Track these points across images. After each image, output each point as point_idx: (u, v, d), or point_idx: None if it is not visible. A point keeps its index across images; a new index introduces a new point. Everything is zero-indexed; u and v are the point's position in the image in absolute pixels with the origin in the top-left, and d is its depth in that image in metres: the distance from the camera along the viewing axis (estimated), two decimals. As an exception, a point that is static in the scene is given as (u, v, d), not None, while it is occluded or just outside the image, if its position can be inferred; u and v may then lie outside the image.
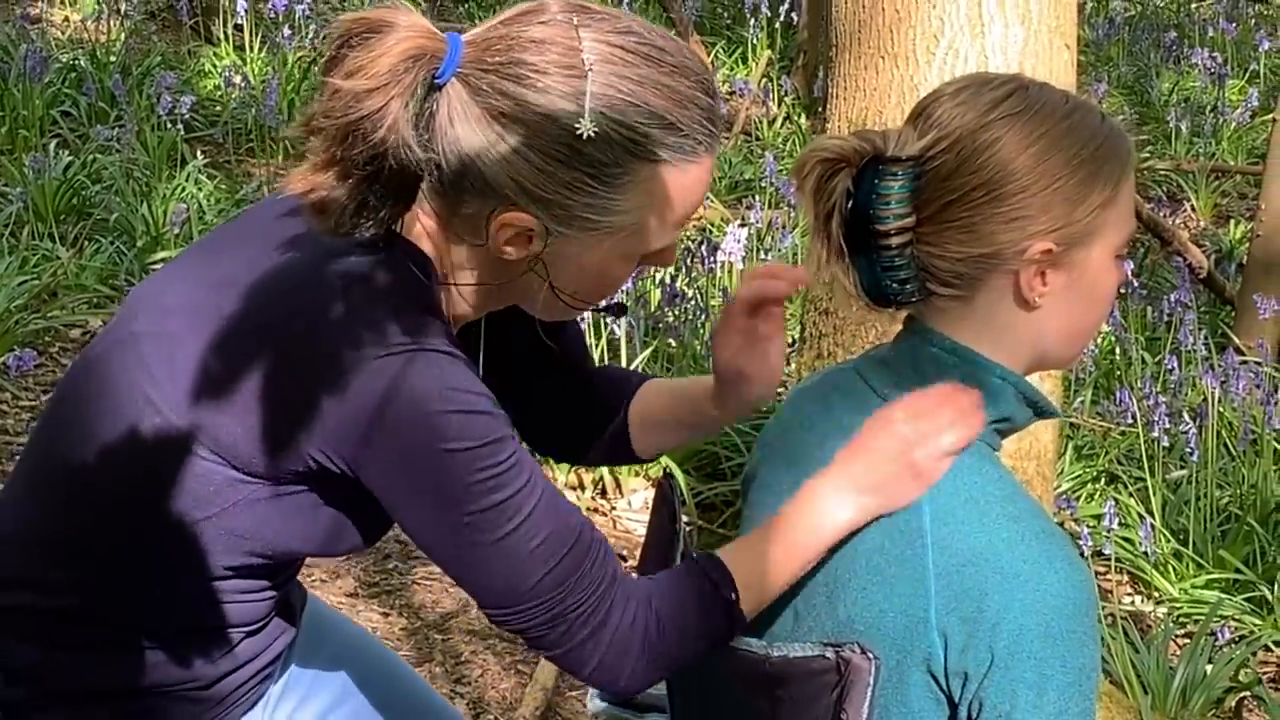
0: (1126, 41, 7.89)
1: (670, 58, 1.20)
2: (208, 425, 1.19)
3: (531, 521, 1.18)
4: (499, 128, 1.16)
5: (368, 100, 1.13)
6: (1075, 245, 1.22)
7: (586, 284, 1.26)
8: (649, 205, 1.21)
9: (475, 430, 1.16)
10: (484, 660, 2.86)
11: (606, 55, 1.17)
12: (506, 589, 1.19)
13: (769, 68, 6.46)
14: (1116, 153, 1.24)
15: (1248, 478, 3.57)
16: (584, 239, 1.21)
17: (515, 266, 1.23)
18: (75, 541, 1.26)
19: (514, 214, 1.19)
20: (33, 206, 4.33)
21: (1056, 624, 1.17)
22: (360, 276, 1.19)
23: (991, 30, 2.30)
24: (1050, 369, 1.40)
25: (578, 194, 1.18)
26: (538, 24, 1.18)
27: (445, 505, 1.17)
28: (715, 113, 1.22)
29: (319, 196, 1.16)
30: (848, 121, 2.46)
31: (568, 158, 1.17)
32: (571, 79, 1.16)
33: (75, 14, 6.22)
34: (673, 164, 1.20)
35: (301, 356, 1.17)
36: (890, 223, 1.23)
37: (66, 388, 1.32)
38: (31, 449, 1.33)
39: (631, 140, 1.18)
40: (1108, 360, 4.25)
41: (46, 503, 1.27)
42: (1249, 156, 6.40)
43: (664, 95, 1.19)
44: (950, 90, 1.26)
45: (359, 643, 1.59)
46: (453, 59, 1.16)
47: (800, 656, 1.23)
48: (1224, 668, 2.92)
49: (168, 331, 1.23)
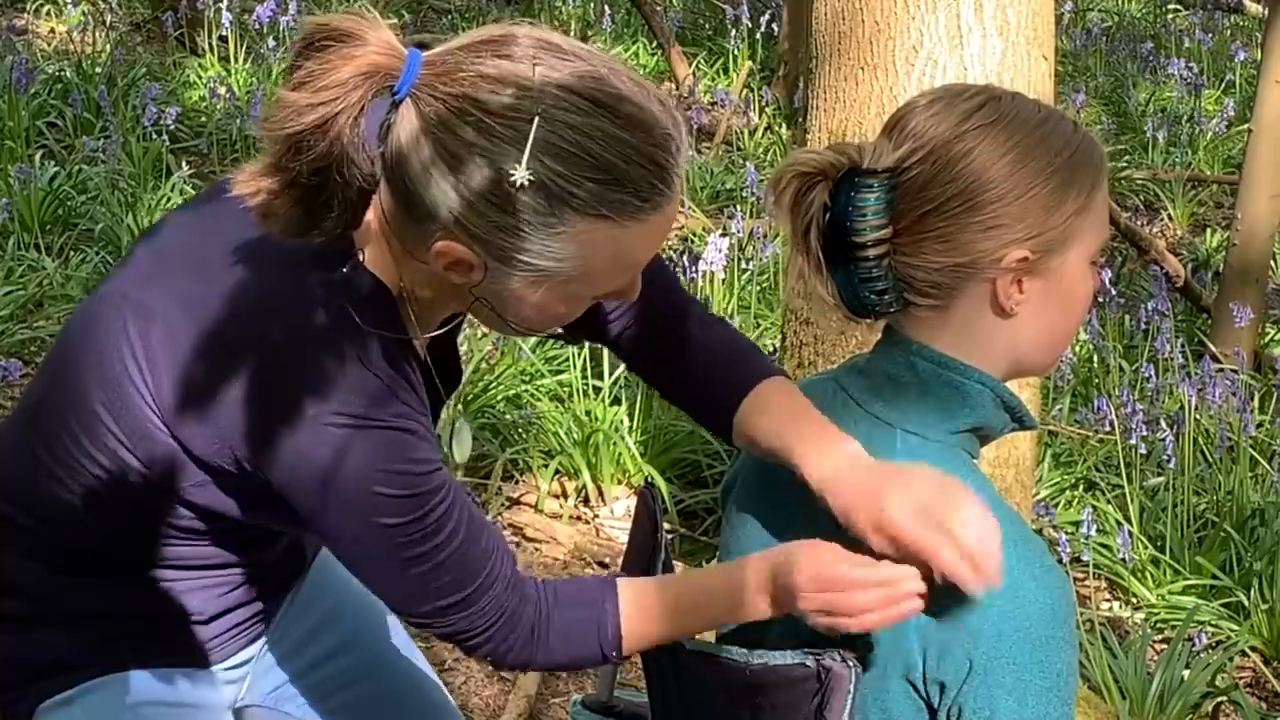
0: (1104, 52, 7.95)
1: (630, 109, 1.13)
2: (170, 412, 1.23)
3: (441, 568, 1.23)
4: (440, 160, 1.12)
5: (310, 114, 1.10)
6: (1051, 252, 1.23)
7: (531, 317, 1.23)
8: (586, 257, 1.16)
9: (407, 508, 1.21)
10: (467, 667, 2.86)
11: (558, 101, 1.12)
12: (404, 606, 1.28)
13: (750, 78, 6.48)
14: (1089, 160, 1.25)
15: (1224, 484, 3.60)
16: (521, 277, 1.18)
17: (462, 290, 1.21)
18: (71, 478, 1.28)
19: (451, 244, 1.16)
20: (18, 217, 4.31)
21: (1035, 630, 1.18)
22: (320, 316, 1.20)
23: (970, 42, 2.32)
24: (1028, 376, 1.39)
25: (512, 237, 1.14)
26: (497, 58, 1.13)
27: (367, 555, 1.24)
28: (669, 171, 1.16)
29: (263, 200, 1.14)
30: (828, 132, 2.47)
31: (501, 202, 1.13)
32: (516, 122, 1.11)
33: (61, 25, 6.21)
34: (613, 220, 1.15)
35: (253, 392, 1.19)
36: (867, 234, 1.23)
37: (70, 327, 1.34)
38: (35, 383, 1.36)
39: (569, 193, 1.13)
40: (1085, 368, 4.27)
41: (43, 436, 1.30)
42: (1225, 166, 6.44)
43: (613, 150, 1.13)
44: (924, 102, 1.26)
45: (366, 599, 1.61)
46: (408, 77, 1.12)
47: (781, 664, 1.23)
48: (1201, 673, 2.93)
49: (148, 305, 1.25)
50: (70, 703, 1.35)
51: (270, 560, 1.43)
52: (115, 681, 1.36)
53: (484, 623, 1.26)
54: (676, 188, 1.18)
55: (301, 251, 1.19)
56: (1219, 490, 3.60)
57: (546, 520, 3.39)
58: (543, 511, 3.42)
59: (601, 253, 1.17)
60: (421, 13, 7.07)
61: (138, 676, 1.37)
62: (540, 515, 3.40)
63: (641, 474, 3.48)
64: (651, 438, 3.57)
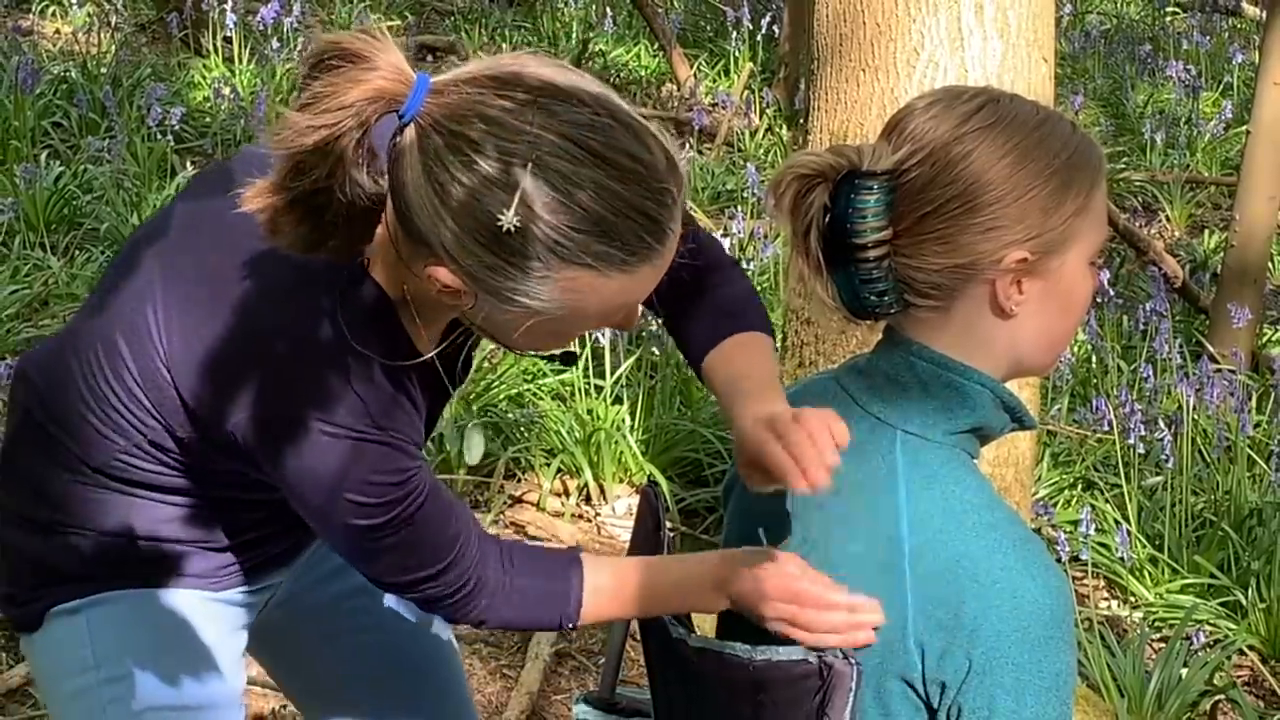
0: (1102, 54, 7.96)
1: (626, 160, 1.14)
2: (178, 372, 1.29)
3: (411, 550, 1.30)
4: (434, 193, 1.14)
5: (313, 135, 1.12)
6: (1050, 253, 1.23)
7: (520, 342, 1.25)
8: (571, 302, 1.18)
9: (380, 512, 1.27)
10: (470, 665, 2.87)
11: (555, 149, 1.12)
12: (375, 576, 1.35)
13: (751, 80, 6.49)
14: (1088, 161, 1.25)
15: (1222, 484, 3.61)
16: (508, 310, 1.19)
17: (456, 309, 1.24)
18: (94, 401, 1.34)
19: (442, 270, 1.17)
20: (24, 216, 4.33)
21: (1034, 630, 1.18)
22: (316, 333, 1.24)
23: (971, 44, 2.33)
24: (1028, 376, 1.40)
25: (498, 276, 1.16)
26: (500, 97, 1.13)
27: (342, 539, 1.32)
28: (661, 223, 1.16)
29: (270, 218, 1.17)
30: (829, 133, 2.47)
31: (489, 242, 1.14)
32: (510, 167, 1.12)
33: (66, 26, 6.22)
34: (599, 270, 1.15)
35: (249, 387, 1.25)
36: (867, 236, 1.23)
37: (119, 261, 1.39)
38: (91, 295, 1.42)
39: (555, 241, 1.13)
40: (1084, 368, 4.28)
41: (80, 358, 1.35)
42: (1223, 168, 6.45)
43: (604, 202, 1.13)
44: (923, 104, 1.26)
45: None
46: (414, 102, 1.14)
47: (783, 661, 1.24)
48: (1199, 671, 2.94)
49: (176, 263, 1.31)
50: (77, 612, 1.40)
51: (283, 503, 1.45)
52: (123, 598, 1.40)
53: (450, 590, 1.33)
54: (669, 240, 1.18)
55: (313, 268, 1.23)
56: (1217, 490, 3.61)
57: (548, 518, 3.41)
58: (545, 510, 3.43)
59: (588, 299, 1.18)
60: (424, 14, 7.08)
61: (146, 594, 1.41)
62: (542, 513, 3.42)
63: (643, 473, 3.49)
64: (653, 437, 3.59)
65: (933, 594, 1.20)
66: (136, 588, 1.40)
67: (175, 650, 1.42)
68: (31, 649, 1.46)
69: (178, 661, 1.42)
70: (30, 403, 1.40)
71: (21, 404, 1.41)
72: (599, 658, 2.94)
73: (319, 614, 1.59)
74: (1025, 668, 1.18)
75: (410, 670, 1.62)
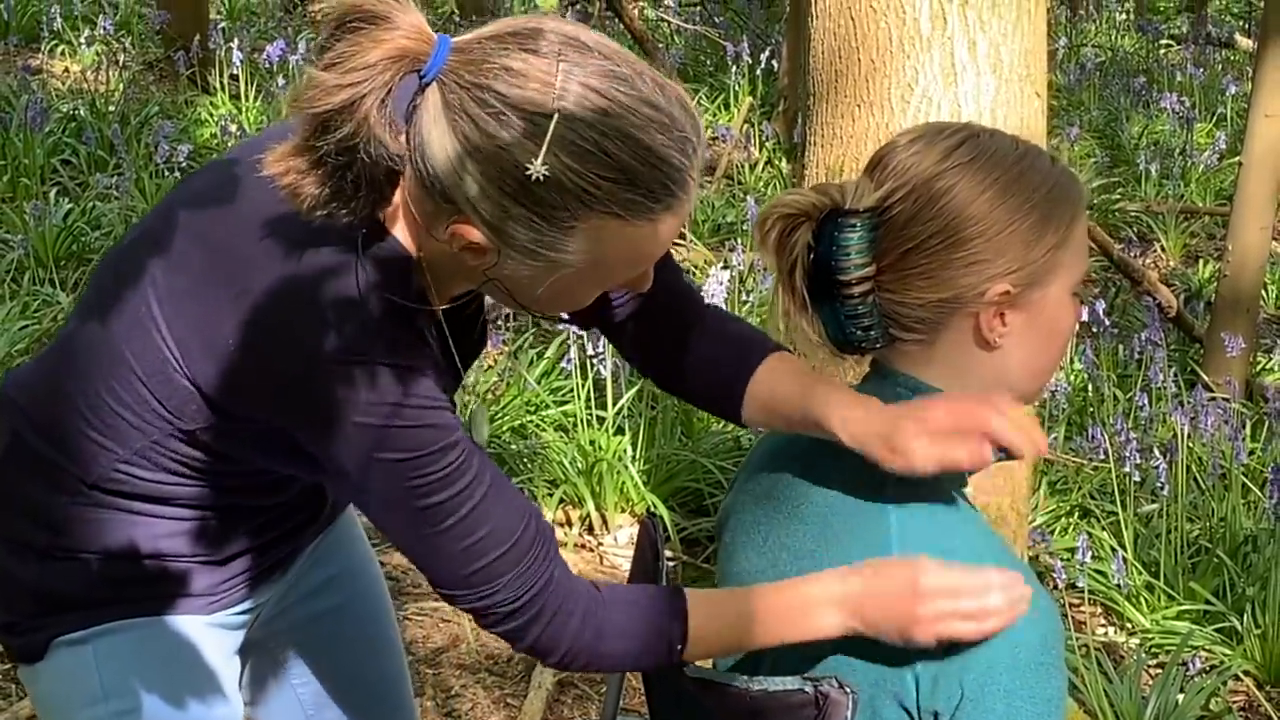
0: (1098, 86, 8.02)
1: (649, 110, 1.15)
2: (188, 356, 1.25)
3: (466, 523, 1.23)
4: (459, 147, 1.14)
5: (339, 94, 1.12)
6: (1032, 286, 1.24)
7: (541, 301, 1.25)
8: (599, 252, 1.18)
9: (410, 443, 1.20)
10: (474, 694, 2.89)
11: (580, 99, 1.13)
12: (446, 575, 1.26)
13: (751, 113, 6.55)
14: (1067, 195, 1.26)
15: (1217, 511, 3.61)
16: (532, 265, 1.19)
17: (476, 270, 1.23)
18: (89, 413, 1.31)
19: (466, 227, 1.18)
20: (34, 253, 4.37)
21: (1024, 657, 1.19)
22: (329, 277, 1.21)
23: (964, 79, 2.33)
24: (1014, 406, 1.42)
25: (524, 227, 1.16)
26: (523, 51, 1.14)
27: (383, 500, 1.24)
28: (684, 172, 1.17)
29: (292, 180, 1.16)
30: (825, 168, 2.46)
31: (516, 193, 1.14)
32: (536, 117, 1.12)
33: (75, 65, 6.29)
34: (625, 219, 1.16)
35: (261, 340, 1.21)
36: (852, 273, 1.24)
37: (104, 267, 1.36)
38: (72, 315, 1.39)
39: (584, 190, 1.14)
40: (1080, 397, 4.30)
41: (71, 371, 1.33)
42: (1217, 198, 6.49)
43: (629, 150, 1.14)
44: (904, 141, 1.27)
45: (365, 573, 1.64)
46: (436, 61, 1.14)
47: (780, 690, 1.24)
48: (1195, 697, 2.94)
49: (176, 251, 1.27)
50: (85, 643, 1.37)
51: (286, 506, 1.45)
52: (128, 627, 1.38)
53: (524, 592, 1.24)
54: (691, 190, 1.19)
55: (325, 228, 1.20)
56: (1212, 517, 3.61)
57: (551, 548, 3.44)
58: (547, 540, 3.46)
59: (612, 248, 1.18)
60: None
61: (152, 623, 1.39)
62: (545, 544, 3.45)
63: (645, 502, 3.51)
64: (654, 467, 3.61)
65: None
66: (141, 615, 1.38)
67: (183, 679, 1.41)
68: (35, 679, 1.42)
69: (186, 690, 1.41)
70: (18, 425, 1.36)
71: (9, 428, 1.37)
72: (601, 686, 2.96)
73: (295, 631, 1.58)
74: (1016, 694, 1.18)
75: (373, 688, 1.63)
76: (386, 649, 1.66)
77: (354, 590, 1.61)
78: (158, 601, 1.39)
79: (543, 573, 1.25)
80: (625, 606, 1.28)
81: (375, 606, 1.65)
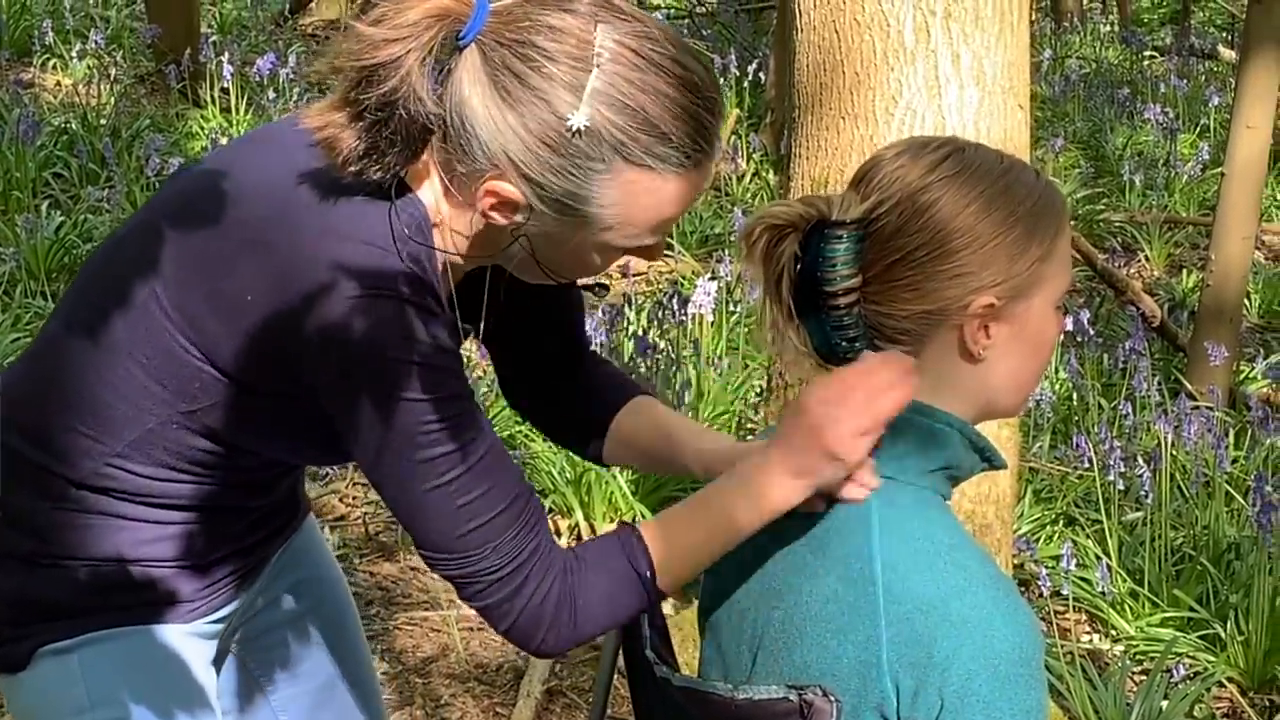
0: (1082, 97, 8.07)
1: (680, 70, 1.22)
2: (201, 332, 1.27)
3: (465, 479, 1.23)
4: (500, 101, 1.20)
5: (385, 49, 1.18)
6: (1016, 298, 1.25)
7: (564, 262, 1.30)
8: (627, 205, 1.24)
9: (429, 382, 1.22)
10: (463, 703, 2.90)
11: (616, 55, 1.20)
12: (436, 536, 1.25)
13: (738, 125, 6.58)
14: (1051, 208, 1.27)
15: (1200, 519, 3.63)
16: (562, 221, 1.25)
17: (501, 231, 1.27)
18: (79, 407, 1.31)
19: (500, 184, 1.23)
20: (25, 265, 4.38)
21: (1004, 668, 1.18)
22: (361, 219, 1.24)
23: (948, 92, 2.33)
24: (998, 417, 1.40)
25: (560, 179, 1.22)
26: (561, 10, 1.21)
27: (389, 446, 1.23)
28: (711, 131, 1.24)
29: (330, 134, 1.21)
30: (810, 179, 2.47)
31: (556, 144, 1.20)
32: (576, 71, 1.19)
33: (67, 79, 6.30)
34: (657, 171, 1.23)
35: (289, 280, 1.23)
36: (838, 284, 1.25)
37: (89, 264, 1.37)
38: (52, 318, 1.39)
39: (620, 141, 1.21)
40: (1065, 406, 4.32)
41: (58, 368, 1.33)
42: (1200, 208, 6.53)
43: (663, 105, 1.21)
44: (890, 154, 1.28)
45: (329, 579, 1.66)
46: (475, 24, 1.20)
47: (765, 699, 1.24)
48: (1179, 703, 2.95)
49: (179, 232, 1.29)
50: (70, 652, 1.37)
51: (267, 508, 1.47)
52: (113, 636, 1.37)
53: (512, 559, 1.24)
54: (717, 149, 1.26)
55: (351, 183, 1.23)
56: (1195, 525, 3.62)
57: (541, 558, 3.45)
58: (537, 549, 3.48)
59: (641, 203, 1.24)
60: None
61: (137, 632, 1.39)
62: (534, 553, 3.46)
63: (632, 511, 3.53)
64: (641, 477, 3.62)
65: (906, 633, 1.21)
66: (126, 624, 1.38)
67: (169, 688, 1.41)
68: (16, 689, 1.40)
69: (172, 700, 1.41)
70: (3, 434, 1.35)
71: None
72: (589, 694, 2.97)
73: (264, 637, 1.58)
74: (996, 705, 1.18)
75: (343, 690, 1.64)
76: (354, 652, 1.67)
77: (320, 595, 1.63)
78: (142, 609, 1.39)
79: (529, 541, 1.26)
80: (592, 563, 1.27)
81: (341, 609, 1.66)
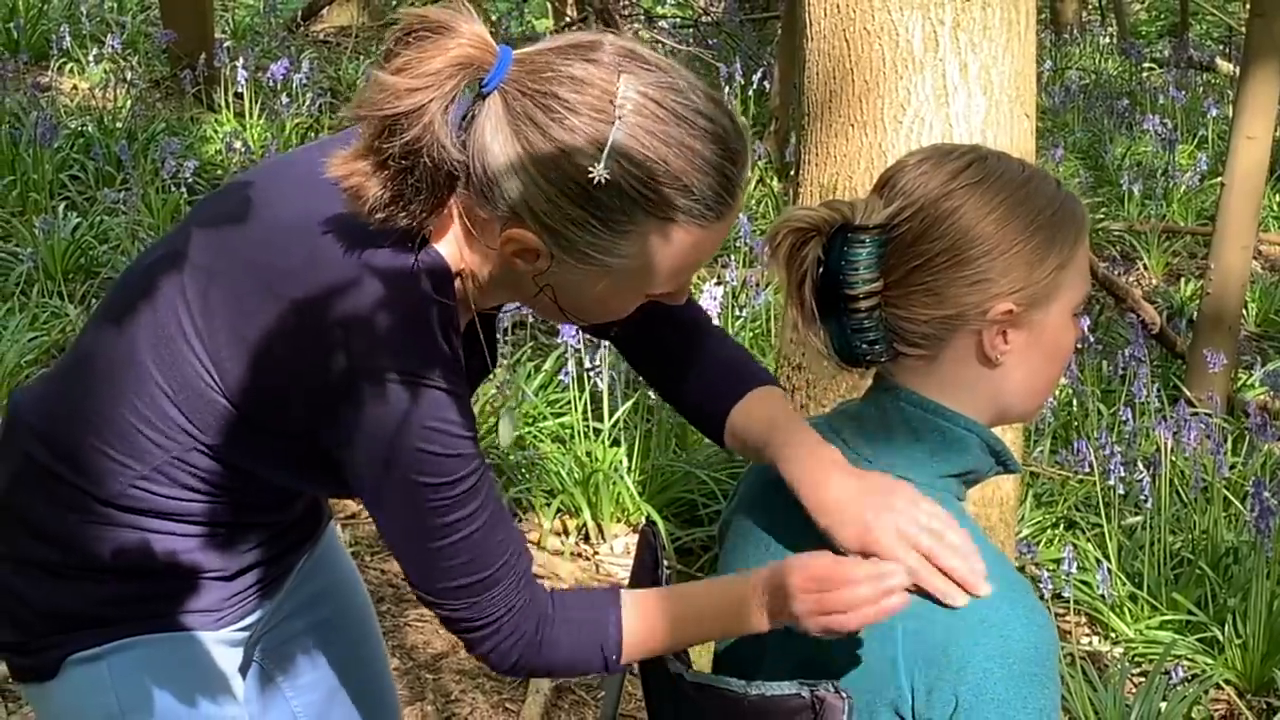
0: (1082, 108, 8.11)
1: (704, 122, 1.20)
2: (221, 370, 1.27)
3: (463, 544, 1.27)
4: (521, 151, 1.18)
5: (408, 98, 1.16)
6: (1035, 306, 1.26)
7: (587, 308, 1.29)
8: (650, 257, 1.23)
9: (445, 469, 1.24)
10: (473, 699, 2.92)
11: (639, 107, 1.18)
12: (421, 580, 1.31)
13: (742, 132, 6.60)
14: (1071, 217, 1.28)
15: (1199, 523, 3.66)
16: (584, 270, 1.23)
17: (523, 277, 1.27)
18: (107, 430, 1.32)
19: (522, 232, 1.22)
20: (42, 266, 4.40)
21: (1019, 668, 1.19)
22: (389, 280, 1.23)
23: (955, 100, 2.34)
24: (1012, 423, 1.42)
25: (582, 231, 1.20)
26: (584, 61, 1.19)
27: (398, 514, 1.28)
28: (735, 182, 1.23)
29: (356, 182, 1.20)
30: (819, 186, 2.48)
31: (577, 196, 1.19)
32: (598, 123, 1.17)
33: (83, 82, 6.31)
34: (679, 225, 1.21)
35: (317, 345, 1.23)
36: (859, 287, 1.26)
37: (124, 284, 1.37)
38: (83, 336, 1.40)
39: (642, 195, 1.19)
40: (1065, 412, 4.34)
41: (88, 389, 1.34)
42: (1198, 218, 6.55)
43: (686, 158, 1.19)
44: (913, 161, 1.29)
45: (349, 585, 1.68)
46: (498, 73, 1.19)
47: (777, 695, 1.24)
48: (1178, 705, 2.98)
49: (208, 265, 1.29)
50: (100, 659, 1.37)
51: (291, 521, 1.48)
52: (143, 643, 1.38)
53: (490, 614, 1.29)
54: (739, 199, 1.25)
55: (372, 228, 1.23)
56: (1194, 529, 3.65)
57: (549, 557, 3.46)
58: (545, 549, 3.49)
59: (664, 254, 1.23)
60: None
61: (167, 639, 1.39)
62: (543, 552, 3.47)
63: (640, 513, 3.54)
64: (649, 478, 3.65)
65: (922, 632, 1.21)
66: (154, 632, 1.38)
67: (199, 694, 1.41)
68: (46, 698, 1.41)
69: (200, 704, 1.41)
70: (28, 446, 1.36)
71: (20, 451, 1.37)
72: (598, 691, 2.99)
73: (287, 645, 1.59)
74: (1010, 704, 1.19)
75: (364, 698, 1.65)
76: (374, 659, 1.68)
77: (342, 602, 1.64)
78: (170, 617, 1.39)
79: (512, 601, 1.30)
80: (567, 626, 1.32)
81: (362, 617, 1.68)
